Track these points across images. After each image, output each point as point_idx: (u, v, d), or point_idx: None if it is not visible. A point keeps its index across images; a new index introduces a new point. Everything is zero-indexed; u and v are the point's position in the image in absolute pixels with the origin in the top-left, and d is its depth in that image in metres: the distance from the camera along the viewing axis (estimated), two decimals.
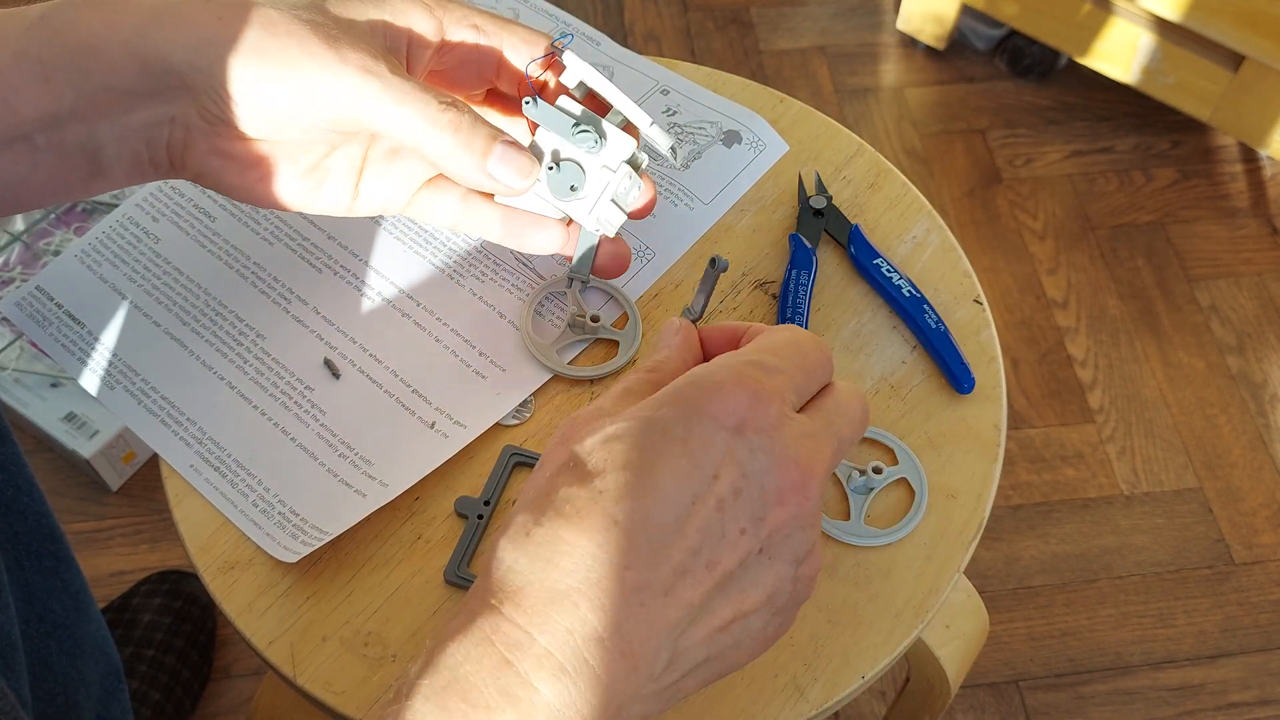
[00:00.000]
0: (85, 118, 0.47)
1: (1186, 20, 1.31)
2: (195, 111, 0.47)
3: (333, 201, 0.53)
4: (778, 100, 0.72)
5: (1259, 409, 1.29)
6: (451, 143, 0.47)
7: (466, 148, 0.47)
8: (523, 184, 0.48)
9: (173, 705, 1.00)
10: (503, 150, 0.47)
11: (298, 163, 0.50)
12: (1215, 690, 1.11)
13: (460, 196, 0.53)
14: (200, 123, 0.48)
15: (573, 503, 0.37)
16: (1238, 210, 1.45)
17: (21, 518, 0.69)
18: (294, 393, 0.59)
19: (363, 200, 0.53)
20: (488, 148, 0.47)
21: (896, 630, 0.54)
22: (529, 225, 0.52)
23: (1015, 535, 1.19)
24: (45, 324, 0.62)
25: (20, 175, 0.48)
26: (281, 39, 0.45)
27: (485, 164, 0.48)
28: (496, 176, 0.48)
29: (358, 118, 0.47)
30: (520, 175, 0.48)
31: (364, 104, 0.46)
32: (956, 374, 0.61)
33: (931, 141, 1.50)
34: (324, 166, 0.51)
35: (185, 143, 0.49)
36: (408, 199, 0.53)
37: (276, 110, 0.47)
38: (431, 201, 0.54)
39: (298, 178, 0.51)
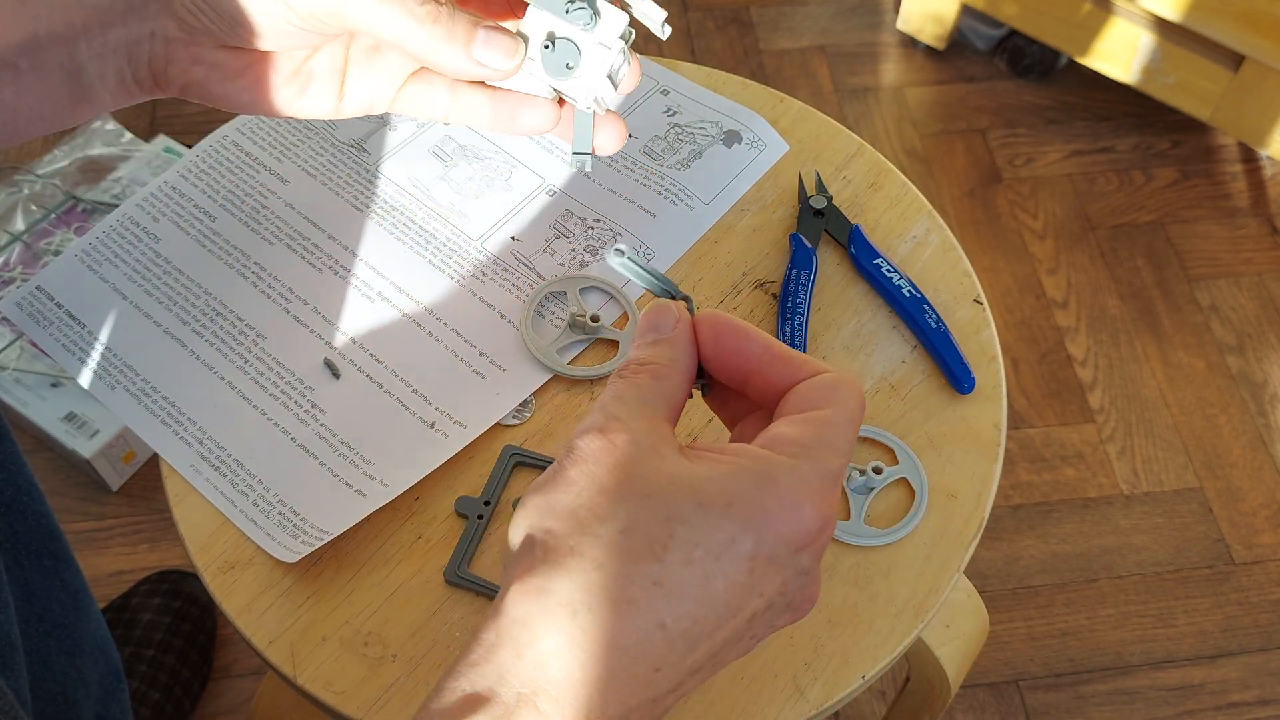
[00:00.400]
0: (64, 38, 0.47)
1: (1186, 20, 1.31)
2: (174, 24, 0.48)
3: (318, 104, 0.52)
4: (778, 100, 0.72)
5: (1259, 409, 1.29)
6: (433, 34, 0.46)
7: (448, 37, 0.46)
8: (510, 64, 0.47)
9: (172, 705, 1.00)
10: (485, 34, 0.47)
11: (280, 68, 0.50)
12: (1215, 690, 1.11)
13: (447, 86, 0.52)
14: (180, 34, 0.48)
15: (627, 592, 0.36)
16: (1238, 210, 1.45)
17: (21, 517, 0.69)
18: (294, 393, 0.59)
19: (348, 100, 0.52)
20: (470, 34, 0.47)
21: (896, 630, 0.54)
22: (519, 106, 0.51)
23: (1015, 535, 1.19)
24: (45, 324, 0.62)
25: (6, 101, 0.48)
26: None
27: (470, 51, 0.47)
28: (483, 61, 0.47)
29: (336, 16, 0.47)
30: (506, 56, 0.47)
31: (341, 4, 0.46)
32: (956, 374, 0.61)
33: (931, 141, 1.50)
34: (307, 69, 0.51)
35: (167, 57, 0.49)
36: (393, 94, 0.53)
37: (254, 16, 0.47)
38: (417, 95, 0.53)
39: (282, 82, 0.51)
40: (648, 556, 0.36)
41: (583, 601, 0.35)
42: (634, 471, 0.37)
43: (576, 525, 0.36)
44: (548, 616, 0.35)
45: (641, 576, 0.35)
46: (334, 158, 0.68)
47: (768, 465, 0.37)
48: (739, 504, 0.36)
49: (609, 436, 0.38)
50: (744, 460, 0.38)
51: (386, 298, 0.62)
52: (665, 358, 0.42)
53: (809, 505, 0.37)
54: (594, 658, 0.35)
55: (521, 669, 0.35)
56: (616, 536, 0.36)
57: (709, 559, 0.36)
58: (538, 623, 0.36)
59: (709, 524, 0.36)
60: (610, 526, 0.36)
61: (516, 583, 0.36)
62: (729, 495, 0.37)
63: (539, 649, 0.35)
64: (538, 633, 0.35)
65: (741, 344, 0.42)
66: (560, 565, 0.36)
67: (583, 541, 0.36)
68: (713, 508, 0.36)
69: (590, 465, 0.38)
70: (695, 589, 0.36)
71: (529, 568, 0.36)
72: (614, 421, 0.39)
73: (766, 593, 0.37)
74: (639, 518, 0.36)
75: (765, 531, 0.36)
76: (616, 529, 0.36)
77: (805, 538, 0.37)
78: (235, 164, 0.68)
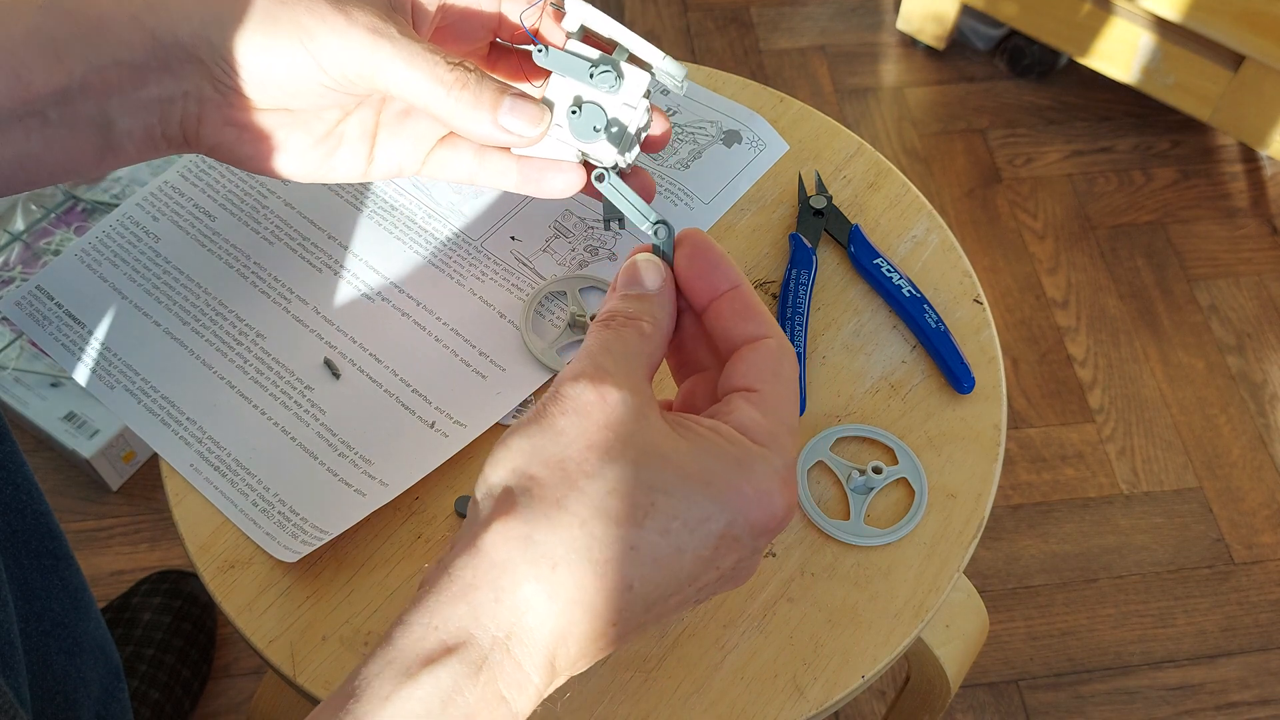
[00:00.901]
0: (96, 93, 0.48)
1: (1186, 20, 1.31)
2: (208, 84, 0.48)
3: (348, 168, 0.53)
4: (778, 100, 0.72)
5: (1259, 409, 1.29)
6: (460, 100, 0.47)
7: (475, 104, 0.47)
8: (535, 131, 0.48)
9: (172, 705, 1.00)
10: (512, 102, 0.48)
11: (311, 130, 0.51)
12: (1215, 690, 1.11)
13: (474, 151, 0.53)
14: (213, 94, 0.48)
15: (606, 553, 0.37)
16: (1238, 210, 1.45)
17: (20, 516, 0.69)
18: (294, 392, 0.59)
19: (377, 164, 0.53)
20: (496, 101, 0.47)
21: (896, 630, 0.54)
22: (546, 170, 0.51)
23: (1015, 535, 1.19)
24: (45, 323, 0.62)
25: (33, 151, 0.48)
26: (290, 6, 0.46)
27: (496, 118, 0.48)
28: (509, 128, 0.48)
29: (368, 80, 0.47)
30: (532, 124, 0.48)
31: (374, 67, 0.47)
32: (956, 374, 0.61)
33: (931, 141, 1.50)
34: (337, 133, 0.51)
35: (199, 116, 0.49)
36: (422, 159, 0.54)
37: (288, 77, 0.48)
38: (445, 159, 0.54)
39: (311, 145, 0.51)
40: (629, 521, 0.37)
41: (564, 556, 0.37)
42: (623, 433, 0.38)
43: (564, 478, 0.38)
44: (530, 566, 0.37)
45: (620, 540, 0.37)
46: None
47: (745, 453, 0.39)
48: (717, 485, 0.38)
49: (600, 390, 0.39)
50: (722, 441, 0.39)
51: (386, 298, 0.62)
52: (651, 316, 0.43)
53: (779, 495, 0.39)
54: (566, 610, 0.37)
55: (499, 613, 0.37)
56: (603, 496, 0.37)
57: (684, 531, 0.38)
58: (520, 570, 0.37)
59: (689, 499, 0.38)
60: (598, 485, 0.37)
61: (499, 523, 0.37)
62: (709, 474, 0.38)
63: (518, 595, 0.37)
64: (519, 579, 0.37)
65: (713, 277, 0.44)
66: (547, 516, 0.37)
67: (570, 496, 0.37)
68: (694, 483, 0.38)
69: (580, 418, 0.39)
70: (666, 558, 0.38)
71: (512, 511, 0.37)
72: (604, 374, 0.40)
73: (722, 567, 0.39)
74: (626, 481, 0.37)
75: (738, 515, 0.39)
76: (604, 489, 0.37)
77: (772, 524, 0.40)
78: None
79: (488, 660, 0.36)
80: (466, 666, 0.36)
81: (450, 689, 0.36)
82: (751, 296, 0.44)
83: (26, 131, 0.48)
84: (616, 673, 0.53)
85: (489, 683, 0.36)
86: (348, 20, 0.46)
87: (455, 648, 0.36)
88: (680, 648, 0.54)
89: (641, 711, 0.52)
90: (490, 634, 0.37)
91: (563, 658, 0.38)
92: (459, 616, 0.37)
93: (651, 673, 0.53)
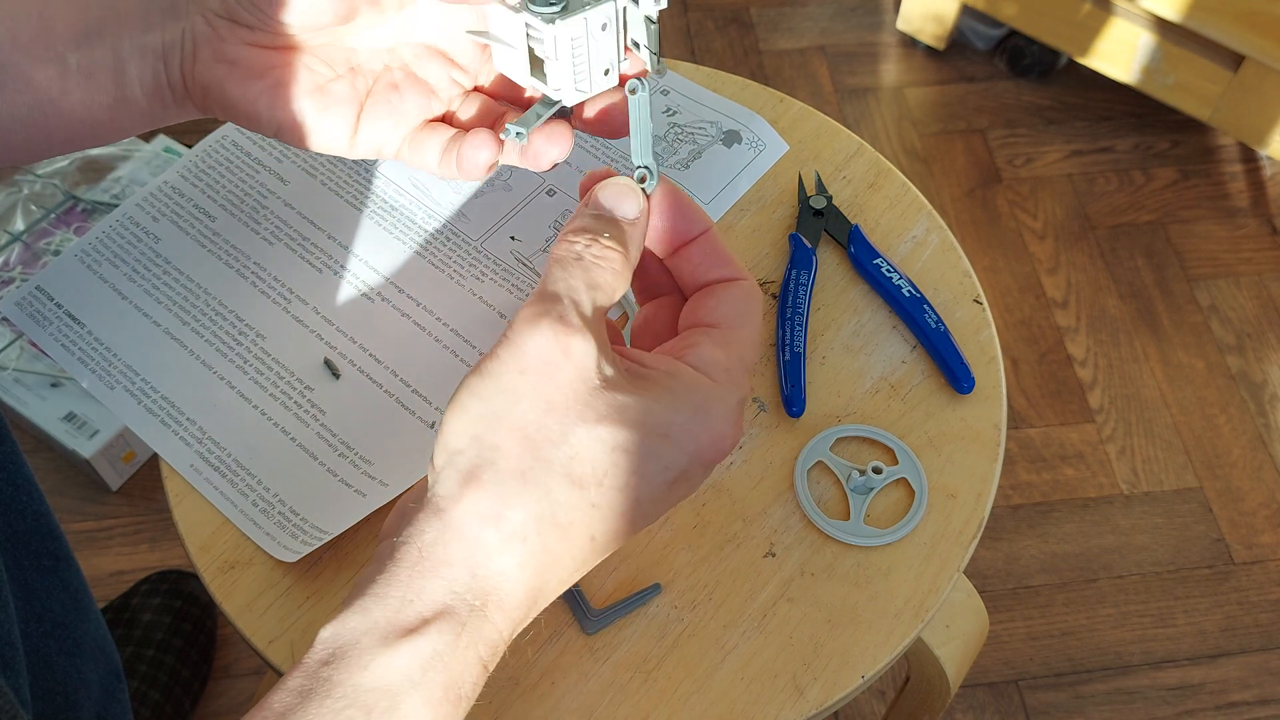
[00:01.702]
0: (110, 33, 0.49)
1: (1186, 20, 1.31)
2: (202, 20, 0.49)
3: (332, 133, 0.52)
4: (778, 100, 0.72)
5: (1259, 409, 1.29)
6: None
7: None
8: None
9: (172, 705, 1.00)
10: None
11: (301, 79, 0.50)
12: (1215, 690, 1.11)
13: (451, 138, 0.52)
14: (206, 29, 0.49)
15: (570, 515, 0.39)
16: (1238, 210, 1.45)
17: (20, 517, 0.69)
18: (294, 393, 0.59)
19: (361, 136, 0.52)
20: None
21: (896, 630, 0.54)
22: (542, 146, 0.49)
23: (1015, 535, 1.19)
24: (45, 324, 0.62)
25: (52, 97, 0.50)
26: None
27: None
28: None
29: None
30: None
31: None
32: (956, 374, 0.61)
33: (931, 141, 1.50)
34: (328, 89, 0.51)
35: (194, 56, 0.50)
36: (399, 141, 0.53)
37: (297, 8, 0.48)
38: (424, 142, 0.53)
39: (302, 94, 0.50)
40: (590, 482, 0.39)
41: (534, 529, 0.39)
42: (582, 391, 0.39)
43: (528, 447, 0.38)
44: (503, 542, 0.38)
45: (583, 501, 0.39)
46: (334, 158, 0.68)
47: (702, 397, 0.40)
48: (675, 435, 0.40)
49: (563, 342, 0.39)
50: (679, 386, 0.40)
51: (386, 298, 0.62)
52: (623, 248, 0.42)
53: (731, 430, 0.41)
54: (537, 574, 0.39)
55: (474, 585, 0.38)
56: (566, 462, 0.38)
57: (642, 484, 0.39)
58: (492, 546, 0.38)
59: (648, 452, 0.39)
60: (561, 452, 0.38)
61: (468, 499, 0.38)
62: (666, 426, 0.39)
63: (491, 568, 0.39)
64: (491, 553, 0.38)
65: (686, 220, 0.44)
66: (516, 492, 0.38)
67: (535, 467, 0.38)
68: (653, 438, 0.39)
69: (538, 377, 0.39)
70: (626, 509, 0.40)
71: (479, 485, 0.39)
72: (566, 323, 0.39)
73: (672, 499, 0.41)
74: (587, 445, 0.39)
75: (694, 458, 0.40)
76: (567, 454, 0.38)
77: (721, 457, 0.41)
78: (235, 164, 0.68)
79: (465, 627, 0.38)
80: (445, 635, 0.38)
81: (429, 656, 0.37)
82: (721, 241, 0.44)
83: (47, 78, 0.49)
84: (616, 673, 0.53)
85: (467, 646, 0.38)
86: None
87: (433, 619, 0.38)
88: (680, 648, 0.54)
89: (641, 711, 0.52)
90: (468, 604, 0.38)
91: (531, 612, 0.40)
92: (435, 590, 0.38)
93: (651, 673, 0.53)
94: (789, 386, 0.60)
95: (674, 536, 0.57)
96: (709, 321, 0.43)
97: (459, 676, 0.38)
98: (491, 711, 0.52)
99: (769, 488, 0.58)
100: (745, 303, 0.43)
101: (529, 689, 0.52)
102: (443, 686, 0.38)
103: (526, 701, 0.52)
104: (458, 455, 0.39)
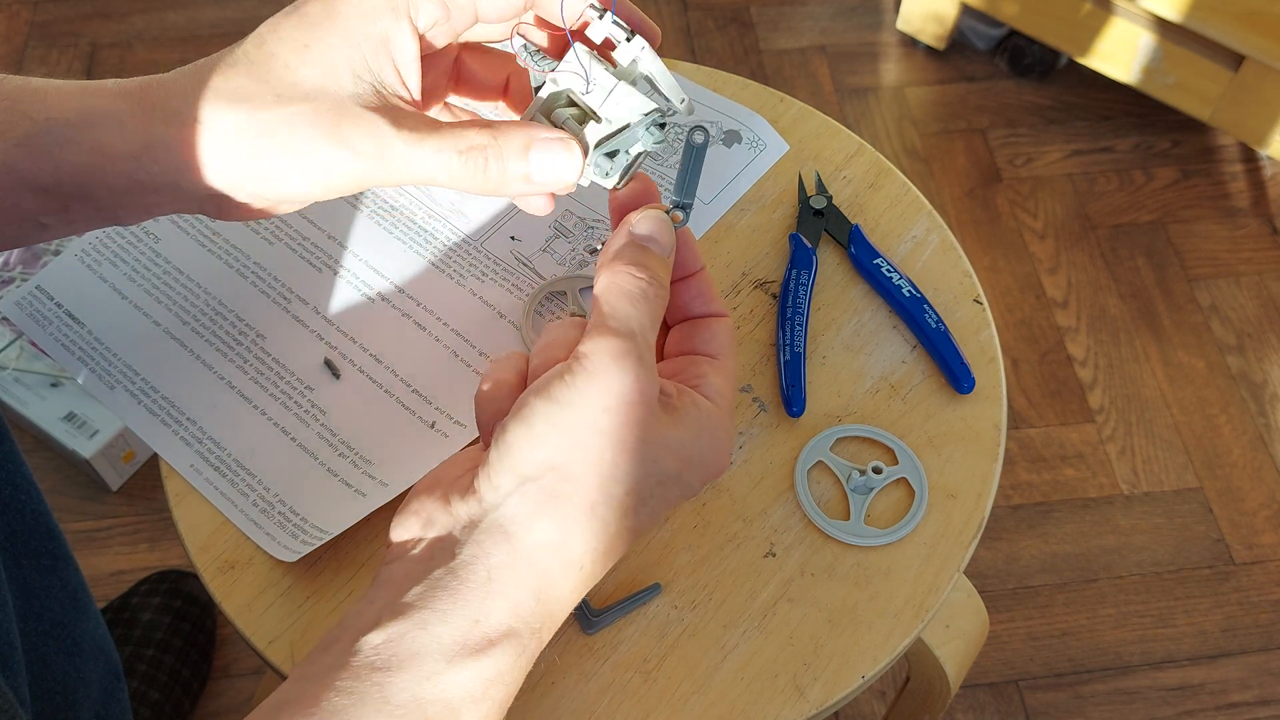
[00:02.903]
0: (105, 212, 0.47)
1: (1186, 20, 1.31)
2: (211, 207, 0.47)
3: None
4: (778, 100, 0.72)
5: (1259, 409, 1.29)
6: (487, 179, 0.45)
7: (502, 177, 0.45)
8: (572, 176, 0.46)
9: (172, 705, 1.00)
10: (538, 156, 0.45)
11: None
12: (1215, 690, 1.11)
13: None
14: (218, 212, 0.48)
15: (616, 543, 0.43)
16: (1238, 210, 1.45)
17: (19, 516, 0.69)
18: (294, 393, 0.59)
19: None
20: (520, 165, 0.45)
21: (896, 630, 0.54)
22: None
23: (1015, 535, 1.19)
24: (45, 324, 0.62)
25: (30, 237, 0.49)
26: (289, 149, 0.44)
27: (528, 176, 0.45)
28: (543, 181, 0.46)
29: (380, 185, 0.46)
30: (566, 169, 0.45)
31: (384, 177, 0.45)
32: (956, 374, 0.61)
33: (931, 141, 1.50)
34: None
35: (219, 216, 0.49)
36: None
37: (296, 198, 0.47)
38: None
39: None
40: (636, 510, 0.42)
41: (590, 559, 0.42)
42: (645, 434, 0.42)
43: (599, 484, 0.41)
44: (564, 570, 0.41)
45: (628, 530, 0.42)
46: None
47: (716, 424, 0.44)
48: (697, 462, 0.44)
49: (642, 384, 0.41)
50: (701, 417, 0.44)
51: (386, 298, 0.62)
52: (664, 280, 0.44)
53: (729, 451, 0.45)
54: (581, 594, 0.43)
55: (539, 610, 0.41)
56: (623, 497, 0.41)
57: (663, 505, 0.44)
58: (555, 574, 0.41)
59: (678, 480, 0.43)
60: (621, 487, 0.41)
61: (541, 529, 0.41)
62: (696, 457, 0.43)
63: (553, 594, 0.42)
64: (553, 580, 0.41)
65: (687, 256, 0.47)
66: (581, 524, 0.41)
67: (601, 502, 0.41)
68: (688, 468, 0.43)
69: (620, 418, 0.41)
70: (646, 525, 0.43)
71: (551, 516, 0.41)
72: (648, 359, 0.42)
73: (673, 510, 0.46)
74: (642, 481, 0.42)
75: (705, 479, 0.45)
76: (624, 490, 0.41)
77: (721, 475, 0.46)
78: None
79: (526, 649, 0.41)
80: (509, 656, 0.40)
81: (493, 675, 0.40)
82: (710, 280, 0.48)
83: (24, 233, 0.48)
84: (616, 673, 0.53)
85: (526, 666, 0.42)
86: (352, 154, 0.44)
87: (498, 640, 0.40)
88: (680, 648, 0.54)
89: (641, 711, 0.52)
90: (531, 628, 0.41)
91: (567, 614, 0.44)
92: (501, 612, 0.40)
93: (651, 673, 0.53)
94: (789, 386, 0.60)
95: (674, 536, 0.57)
96: (708, 352, 0.47)
97: (513, 691, 0.41)
98: None
99: (769, 488, 0.58)
100: (731, 336, 0.47)
101: (529, 689, 0.52)
102: (500, 703, 0.41)
103: (526, 701, 0.52)
104: (531, 482, 0.41)
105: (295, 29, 0.45)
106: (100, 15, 1.62)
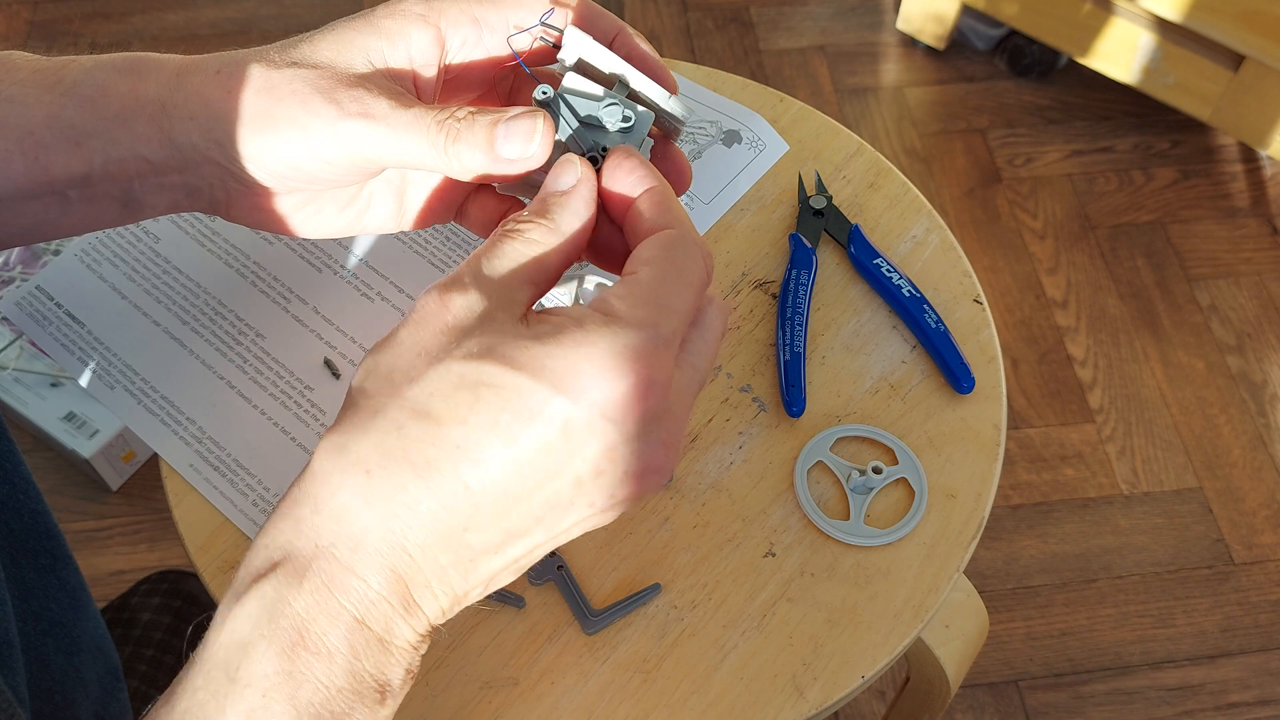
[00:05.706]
0: (117, 179, 0.48)
1: (1186, 20, 1.31)
2: (229, 179, 0.48)
3: (381, 223, 0.53)
4: (778, 100, 0.72)
5: (1259, 409, 1.29)
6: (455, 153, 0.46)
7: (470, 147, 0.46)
8: (531, 149, 0.45)
9: None
10: (505, 128, 0.45)
11: (338, 199, 0.51)
12: (1215, 690, 1.11)
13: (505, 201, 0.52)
14: (237, 185, 0.49)
15: (426, 454, 0.36)
16: (1238, 210, 1.45)
17: (18, 515, 0.69)
18: (294, 392, 0.59)
19: (407, 217, 0.53)
20: (490, 136, 0.46)
21: (896, 630, 0.54)
22: None
23: (1015, 535, 1.19)
24: (45, 324, 0.62)
25: (51, 219, 0.49)
26: (286, 102, 0.46)
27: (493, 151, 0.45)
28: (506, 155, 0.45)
29: (369, 160, 0.47)
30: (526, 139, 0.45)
31: (370, 150, 0.46)
32: (956, 374, 0.61)
33: (931, 141, 1.50)
34: (364, 196, 0.52)
35: (226, 202, 0.50)
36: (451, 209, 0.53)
37: (297, 170, 0.48)
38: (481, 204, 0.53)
39: (340, 211, 0.52)
40: (451, 419, 0.36)
41: (377, 461, 0.36)
42: (458, 334, 0.37)
43: (388, 386, 0.37)
44: (343, 473, 0.37)
45: (443, 440, 0.36)
46: None
47: (587, 334, 0.37)
48: (549, 369, 0.36)
49: (446, 297, 0.38)
50: (572, 327, 0.37)
51: (386, 298, 0.62)
52: (551, 219, 0.42)
53: (624, 370, 0.37)
54: (391, 514, 0.36)
55: (318, 522, 0.37)
56: (425, 399, 0.37)
57: (515, 423, 0.36)
58: (334, 478, 0.37)
59: (519, 389, 0.36)
60: (418, 389, 0.37)
61: (324, 438, 0.38)
62: (541, 360, 0.37)
63: (335, 503, 0.37)
64: (334, 487, 0.37)
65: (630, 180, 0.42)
66: (361, 425, 0.37)
67: (388, 403, 0.37)
68: (524, 373, 0.36)
69: (417, 327, 0.38)
70: (500, 453, 0.36)
71: (337, 424, 0.38)
72: (460, 281, 0.39)
73: (589, 457, 0.37)
74: (449, 380, 0.37)
75: (579, 397, 0.36)
76: (426, 391, 0.37)
77: (622, 404, 0.37)
78: None
79: (310, 568, 0.36)
80: (289, 577, 0.36)
81: (275, 600, 0.36)
82: (667, 197, 0.42)
83: (45, 207, 0.48)
84: (616, 673, 0.53)
85: (316, 589, 0.36)
86: (339, 111, 0.46)
87: (280, 561, 0.37)
88: (680, 648, 0.54)
89: (641, 711, 0.52)
90: (312, 543, 0.37)
91: (409, 566, 0.37)
92: (284, 531, 0.37)
93: (651, 673, 0.53)
94: (789, 386, 0.60)
95: (674, 536, 0.57)
96: (628, 270, 0.41)
97: (318, 627, 0.36)
98: (491, 711, 0.52)
99: (769, 488, 0.58)
100: (665, 247, 0.40)
101: (529, 689, 0.52)
102: (296, 632, 0.36)
103: (526, 701, 0.52)
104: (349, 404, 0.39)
105: (330, 27, 0.48)
106: (100, 15, 1.62)
